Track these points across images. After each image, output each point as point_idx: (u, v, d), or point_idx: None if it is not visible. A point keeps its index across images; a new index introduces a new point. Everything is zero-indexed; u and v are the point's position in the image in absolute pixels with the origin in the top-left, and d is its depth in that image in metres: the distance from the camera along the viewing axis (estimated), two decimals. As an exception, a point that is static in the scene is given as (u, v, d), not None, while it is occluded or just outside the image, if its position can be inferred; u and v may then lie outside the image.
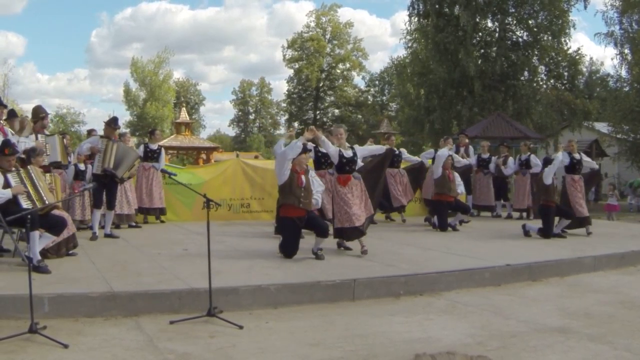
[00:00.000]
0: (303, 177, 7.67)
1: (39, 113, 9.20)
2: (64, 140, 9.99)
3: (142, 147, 11.63)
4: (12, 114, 8.63)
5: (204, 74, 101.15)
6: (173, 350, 4.56)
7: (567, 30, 29.70)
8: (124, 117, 57.70)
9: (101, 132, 9.89)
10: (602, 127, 31.42)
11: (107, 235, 9.36)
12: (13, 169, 6.75)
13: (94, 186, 8.32)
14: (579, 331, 5.15)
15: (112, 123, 9.47)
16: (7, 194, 6.45)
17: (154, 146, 11.70)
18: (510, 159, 13.87)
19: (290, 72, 61.98)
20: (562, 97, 30.10)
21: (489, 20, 30.59)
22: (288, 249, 7.62)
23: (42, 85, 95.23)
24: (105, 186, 9.13)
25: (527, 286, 7.10)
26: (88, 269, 6.70)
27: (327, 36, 60.82)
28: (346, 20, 61.69)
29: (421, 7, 31.27)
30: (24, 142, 7.92)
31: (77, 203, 10.16)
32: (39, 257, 6.47)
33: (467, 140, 14.24)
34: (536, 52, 29.71)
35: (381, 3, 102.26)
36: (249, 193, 12.52)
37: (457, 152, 13.51)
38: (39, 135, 8.68)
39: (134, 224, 10.89)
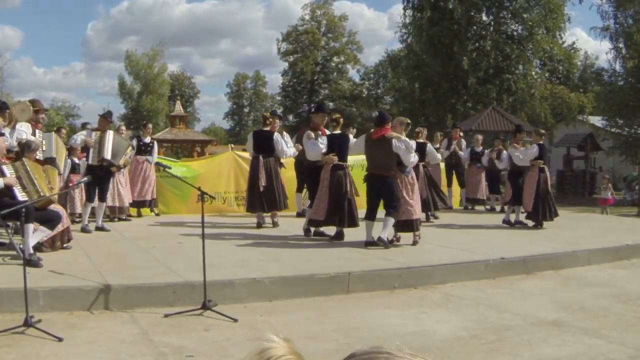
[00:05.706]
0: None
1: (34, 107, 9.17)
2: (60, 135, 10.01)
3: (134, 141, 11.60)
4: (4, 107, 8.58)
5: (200, 67, 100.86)
6: (168, 344, 4.55)
7: (562, 25, 29.76)
8: (119, 110, 57.51)
9: (95, 125, 9.91)
10: (596, 120, 31.48)
11: (98, 228, 9.33)
12: (7, 161, 6.72)
13: (89, 180, 8.31)
14: (574, 325, 5.17)
15: (107, 116, 9.69)
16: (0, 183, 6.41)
17: (147, 139, 11.70)
18: (505, 153, 13.86)
19: (285, 65, 61.91)
20: (557, 91, 30.16)
21: (483, 14, 30.61)
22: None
23: (39, 78, 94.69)
24: (98, 178, 9.10)
25: (522, 279, 7.11)
26: (83, 262, 6.68)
27: (322, 29, 60.59)
28: (342, 13, 61.56)
29: (416, 0, 31.23)
30: (25, 133, 7.91)
31: (77, 197, 10.12)
32: (32, 251, 6.42)
33: (460, 134, 14.25)
34: (531, 46, 29.73)
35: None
36: (243, 186, 12.44)
37: (449, 145, 13.58)
38: (37, 131, 8.65)
39: (124, 216, 10.86)
